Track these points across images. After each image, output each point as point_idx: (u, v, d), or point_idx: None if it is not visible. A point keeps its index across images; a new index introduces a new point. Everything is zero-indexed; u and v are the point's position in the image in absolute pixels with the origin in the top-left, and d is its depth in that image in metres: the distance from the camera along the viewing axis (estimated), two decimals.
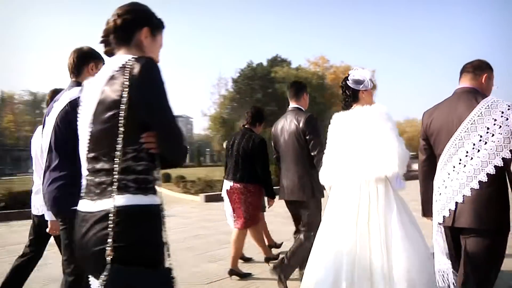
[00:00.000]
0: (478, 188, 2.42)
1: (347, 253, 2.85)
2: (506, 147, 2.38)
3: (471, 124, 2.47)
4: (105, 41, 1.77)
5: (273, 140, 4.26)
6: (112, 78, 1.59)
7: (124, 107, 1.52)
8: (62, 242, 2.55)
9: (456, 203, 2.48)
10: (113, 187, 1.52)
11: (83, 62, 2.69)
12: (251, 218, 4.50)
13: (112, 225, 1.47)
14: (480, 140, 2.44)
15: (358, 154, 3.04)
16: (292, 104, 4.15)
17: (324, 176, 3.32)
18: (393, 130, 2.98)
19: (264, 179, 4.52)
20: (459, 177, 2.49)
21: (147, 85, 1.55)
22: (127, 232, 1.49)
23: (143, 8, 1.78)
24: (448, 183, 2.53)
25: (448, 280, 2.62)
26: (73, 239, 2.43)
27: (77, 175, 2.47)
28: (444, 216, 2.53)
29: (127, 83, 1.52)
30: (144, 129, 1.57)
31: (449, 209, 2.50)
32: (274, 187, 4.64)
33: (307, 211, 3.87)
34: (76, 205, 2.39)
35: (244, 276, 4.42)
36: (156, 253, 1.55)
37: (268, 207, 4.92)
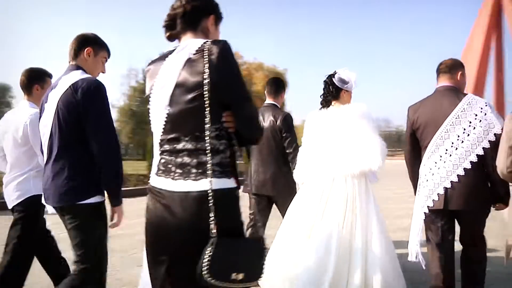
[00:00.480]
0: (463, 174, 2.77)
1: (337, 240, 3.00)
2: (485, 138, 2.76)
3: (456, 118, 2.82)
4: (170, 25, 1.82)
5: None
6: (189, 61, 1.65)
7: (207, 88, 1.59)
8: (76, 239, 2.39)
9: (445, 188, 2.80)
10: (201, 170, 1.61)
11: (81, 46, 2.58)
12: None
13: (210, 205, 1.56)
14: (463, 133, 2.80)
15: (342, 150, 3.24)
16: (269, 100, 4.17)
17: (300, 172, 3.47)
18: (374, 128, 3.26)
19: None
20: (446, 165, 2.82)
21: (226, 67, 1.63)
22: (220, 211, 1.58)
23: None
24: (435, 171, 2.86)
25: (418, 257, 2.98)
26: (99, 232, 2.42)
27: (81, 164, 2.38)
28: (433, 200, 2.84)
29: (207, 65, 1.59)
30: (223, 109, 1.66)
31: (438, 194, 2.82)
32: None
33: (280, 205, 3.98)
34: (85, 198, 2.35)
35: None
36: (242, 229, 1.69)
37: None
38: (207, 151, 1.62)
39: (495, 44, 47.82)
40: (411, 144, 3.16)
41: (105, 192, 2.44)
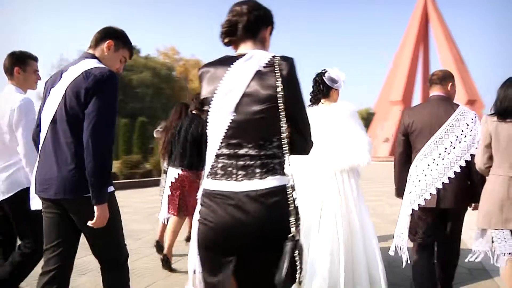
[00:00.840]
0: (454, 177, 3.10)
1: (343, 236, 3.17)
2: (473, 145, 3.11)
3: (450, 126, 3.14)
4: (229, 31, 1.86)
5: None
6: (260, 73, 1.72)
7: (280, 101, 1.68)
8: (95, 235, 2.28)
9: (437, 188, 3.11)
10: (266, 169, 1.69)
11: (103, 37, 2.48)
12: None
13: (289, 205, 1.66)
14: (456, 140, 3.13)
15: (334, 146, 3.41)
16: None
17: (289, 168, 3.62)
18: (362, 126, 3.49)
19: None
20: (438, 168, 3.13)
21: (295, 83, 1.75)
22: (288, 208, 1.67)
23: (268, 8, 1.92)
24: (428, 172, 3.16)
25: (402, 251, 3.28)
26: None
27: (82, 155, 2.18)
28: (425, 199, 3.14)
29: (279, 80, 1.69)
30: (285, 120, 1.74)
31: (430, 193, 3.12)
32: None
33: None
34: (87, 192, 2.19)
35: None
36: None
37: None
38: (272, 156, 1.72)
39: (422, 55, 51.48)
40: (403, 146, 3.41)
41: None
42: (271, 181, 1.67)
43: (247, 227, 1.67)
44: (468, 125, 3.14)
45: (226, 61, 1.81)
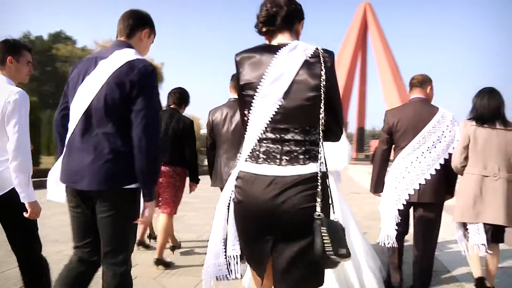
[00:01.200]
0: (434, 174, 3.39)
1: None
2: (452, 144, 3.43)
3: (433, 127, 3.43)
4: (267, 21, 1.95)
5: (212, 127, 4.20)
6: (307, 63, 1.84)
7: (323, 91, 1.82)
8: (115, 227, 2.18)
9: (420, 184, 3.39)
10: (308, 155, 1.82)
11: (139, 24, 2.38)
12: (178, 203, 4.52)
13: (318, 187, 1.77)
14: (437, 139, 3.43)
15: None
16: (235, 95, 4.12)
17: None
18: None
19: (192, 163, 4.52)
20: (421, 166, 3.41)
21: (334, 76, 1.90)
22: (324, 191, 1.81)
23: (300, 3, 2.04)
24: (411, 170, 3.43)
25: (391, 239, 3.47)
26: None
27: (126, 146, 2.15)
28: (409, 194, 3.41)
29: (324, 70, 1.83)
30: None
31: (414, 189, 3.40)
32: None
33: None
34: (130, 182, 2.16)
35: (169, 265, 4.34)
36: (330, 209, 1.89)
37: (190, 192, 4.79)
38: (314, 143, 1.85)
39: (360, 60, 53.69)
40: (387, 144, 3.65)
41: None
42: (312, 167, 1.80)
43: (287, 210, 1.77)
44: (447, 126, 3.44)
45: (269, 49, 1.91)
